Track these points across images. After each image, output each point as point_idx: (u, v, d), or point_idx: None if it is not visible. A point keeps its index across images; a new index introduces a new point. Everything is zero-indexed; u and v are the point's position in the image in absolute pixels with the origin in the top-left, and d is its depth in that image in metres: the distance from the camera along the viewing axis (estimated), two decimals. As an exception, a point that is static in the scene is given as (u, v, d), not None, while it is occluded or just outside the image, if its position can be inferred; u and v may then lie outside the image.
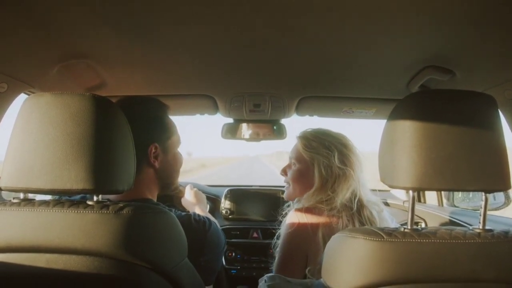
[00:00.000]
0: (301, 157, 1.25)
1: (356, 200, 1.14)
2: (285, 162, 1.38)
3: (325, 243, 1.06)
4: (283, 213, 1.27)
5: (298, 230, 1.13)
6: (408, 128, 0.70)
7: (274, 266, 1.19)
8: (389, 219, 1.21)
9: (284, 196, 1.36)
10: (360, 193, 1.17)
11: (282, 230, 1.20)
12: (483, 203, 0.73)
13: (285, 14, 0.89)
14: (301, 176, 1.26)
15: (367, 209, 1.16)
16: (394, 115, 0.74)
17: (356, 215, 1.13)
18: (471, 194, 1.78)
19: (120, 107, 0.98)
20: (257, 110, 1.66)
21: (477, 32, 0.93)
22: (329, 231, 1.08)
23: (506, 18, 0.85)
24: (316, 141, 1.22)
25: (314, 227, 1.11)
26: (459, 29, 0.92)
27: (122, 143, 0.74)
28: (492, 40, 0.96)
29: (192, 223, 0.97)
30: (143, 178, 1.01)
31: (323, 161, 1.18)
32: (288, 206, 1.26)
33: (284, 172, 1.34)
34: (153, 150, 1.01)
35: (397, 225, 1.25)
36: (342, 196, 1.13)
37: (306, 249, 1.13)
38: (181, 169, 1.16)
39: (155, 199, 1.04)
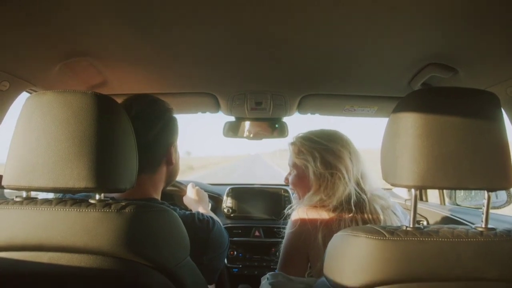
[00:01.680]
0: (295, 164, 1.28)
1: (352, 201, 1.14)
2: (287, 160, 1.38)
3: (325, 244, 1.06)
4: (286, 213, 1.27)
5: (299, 229, 1.14)
6: (410, 126, 0.70)
7: (278, 264, 1.20)
8: (401, 216, 1.20)
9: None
10: (362, 189, 1.18)
11: (286, 227, 1.21)
12: (485, 201, 0.73)
13: (287, 12, 0.88)
14: (299, 181, 1.28)
15: (371, 204, 1.16)
16: (396, 113, 0.74)
17: (359, 213, 1.14)
18: (473, 192, 1.78)
19: (141, 106, 1.00)
20: (259, 108, 1.66)
21: (479, 30, 0.92)
22: (329, 232, 1.08)
23: (508, 15, 0.85)
24: (303, 147, 1.24)
25: (315, 226, 1.12)
26: (461, 26, 0.92)
27: (124, 141, 0.74)
28: (494, 37, 0.95)
29: (196, 222, 0.97)
30: (155, 177, 1.03)
31: (310, 167, 1.20)
32: (290, 207, 1.26)
33: (286, 180, 1.37)
34: (172, 150, 1.05)
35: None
36: (339, 196, 1.14)
37: (306, 248, 1.14)
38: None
39: (159, 198, 1.05)
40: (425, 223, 1.89)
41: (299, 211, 1.17)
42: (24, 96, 1.22)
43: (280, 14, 0.90)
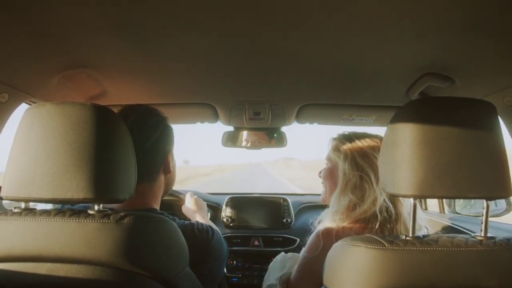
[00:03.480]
0: (329, 157, 1.28)
1: (383, 210, 1.09)
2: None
3: None
4: (316, 225, 1.21)
5: (320, 257, 1.03)
6: (407, 136, 0.70)
7: (291, 276, 1.15)
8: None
9: (320, 199, 1.36)
10: (393, 203, 1.12)
11: (305, 248, 1.15)
12: (484, 210, 0.73)
13: (285, 23, 0.89)
14: (329, 174, 1.28)
15: (402, 222, 1.12)
16: (394, 123, 0.74)
17: (387, 226, 1.09)
18: (472, 200, 1.78)
19: (137, 115, 1.00)
20: (257, 118, 1.66)
21: (475, 39, 0.93)
22: None
23: (504, 25, 0.86)
24: (340, 145, 1.23)
25: None
26: (457, 36, 0.93)
27: (122, 152, 0.75)
28: (491, 46, 0.96)
29: (196, 232, 0.97)
30: (154, 186, 1.03)
31: (340, 165, 1.19)
32: (320, 222, 1.22)
33: (319, 173, 1.36)
34: (169, 158, 1.05)
35: None
36: (369, 204, 1.10)
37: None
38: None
39: (159, 208, 1.05)
40: (425, 231, 1.88)
41: (324, 233, 1.10)
42: (23, 107, 1.23)
43: (279, 25, 0.90)
